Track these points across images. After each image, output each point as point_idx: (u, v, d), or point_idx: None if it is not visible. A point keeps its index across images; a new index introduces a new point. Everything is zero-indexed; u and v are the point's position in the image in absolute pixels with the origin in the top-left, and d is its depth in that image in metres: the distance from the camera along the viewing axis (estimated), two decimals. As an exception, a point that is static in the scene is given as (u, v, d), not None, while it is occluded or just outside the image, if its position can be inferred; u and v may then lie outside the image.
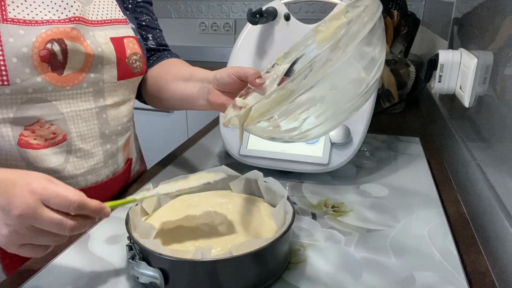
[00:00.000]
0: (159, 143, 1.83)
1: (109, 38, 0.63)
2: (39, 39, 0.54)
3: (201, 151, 0.90)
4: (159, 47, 0.83)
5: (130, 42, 0.67)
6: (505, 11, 0.60)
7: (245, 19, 0.77)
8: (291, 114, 0.43)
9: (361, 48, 0.42)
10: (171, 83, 0.73)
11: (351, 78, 0.44)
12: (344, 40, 0.40)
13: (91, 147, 0.64)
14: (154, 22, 0.82)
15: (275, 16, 0.78)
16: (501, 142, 0.56)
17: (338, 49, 0.40)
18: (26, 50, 0.53)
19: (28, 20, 0.55)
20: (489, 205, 0.58)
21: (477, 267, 0.52)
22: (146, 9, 0.79)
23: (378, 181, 0.74)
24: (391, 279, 0.48)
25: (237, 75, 0.60)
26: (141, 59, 0.69)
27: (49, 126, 0.59)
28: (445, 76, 0.81)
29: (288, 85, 0.40)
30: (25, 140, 0.57)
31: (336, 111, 0.45)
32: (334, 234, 0.58)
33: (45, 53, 0.55)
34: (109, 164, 0.68)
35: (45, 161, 0.59)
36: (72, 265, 0.52)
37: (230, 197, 0.59)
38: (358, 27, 0.41)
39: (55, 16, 0.57)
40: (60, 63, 0.57)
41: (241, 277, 0.45)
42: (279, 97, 0.41)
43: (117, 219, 0.63)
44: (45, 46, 0.55)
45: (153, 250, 0.44)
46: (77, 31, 0.58)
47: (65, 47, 0.56)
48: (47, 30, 0.55)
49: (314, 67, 0.40)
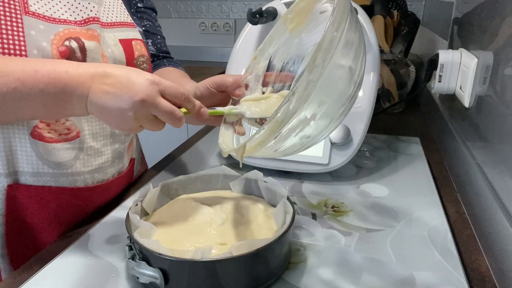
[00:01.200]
0: (159, 143, 1.83)
1: (118, 39, 0.64)
2: (57, 37, 0.55)
3: (201, 151, 0.90)
4: (159, 54, 0.83)
5: (138, 45, 0.68)
6: (505, 11, 0.60)
7: (245, 19, 0.77)
8: (286, 139, 0.43)
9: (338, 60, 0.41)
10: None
11: (337, 89, 0.44)
12: (320, 57, 0.39)
13: (101, 146, 0.64)
14: (156, 28, 0.82)
15: (275, 16, 0.79)
16: (501, 142, 0.56)
17: (316, 68, 0.39)
18: (46, 45, 0.54)
19: (47, 16, 0.55)
20: (489, 205, 0.58)
21: (477, 267, 0.52)
22: (147, 15, 0.80)
23: (378, 181, 0.74)
24: (391, 279, 0.48)
25: (215, 87, 0.60)
26: (147, 61, 0.70)
27: (64, 121, 0.59)
28: (445, 76, 0.81)
29: (276, 117, 0.40)
30: (39, 132, 0.57)
31: (331, 120, 0.46)
32: (334, 234, 0.58)
33: (64, 49, 0.55)
34: (115, 164, 0.68)
35: (56, 155, 0.59)
36: (72, 265, 0.52)
37: (230, 197, 0.59)
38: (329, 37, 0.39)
39: (71, 16, 0.58)
40: (78, 60, 0.57)
41: (241, 277, 0.45)
42: (269, 130, 0.41)
43: (117, 219, 0.63)
44: (63, 43, 0.55)
45: (153, 250, 0.44)
46: (93, 31, 0.59)
47: (82, 44, 0.57)
48: (64, 30, 0.56)
49: (297, 91, 0.39)
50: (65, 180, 0.61)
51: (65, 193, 0.61)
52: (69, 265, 0.52)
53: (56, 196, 0.60)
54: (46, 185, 0.59)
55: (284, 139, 0.43)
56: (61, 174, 0.60)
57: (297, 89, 0.39)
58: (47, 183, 0.59)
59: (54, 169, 0.59)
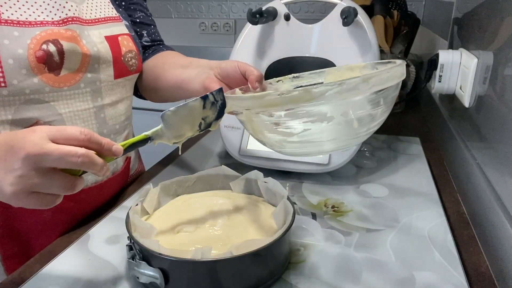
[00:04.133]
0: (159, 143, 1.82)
1: (103, 37, 0.63)
2: (33, 41, 0.54)
3: (201, 151, 0.90)
4: (153, 43, 0.83)
5: (125, 40, 0.67)
6: (505, 11, 0.60)
7: (245, 19, 0.77)
8: (296, 118, 0.44)
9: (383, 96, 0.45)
10: (168, 71, 0.73)
11: (363, 115, 0.47)
12: (374, 80, 0.43)
13: None
14: (149, 18, 0.82)
15: (275, 16, 0.78)
16: (501, 142, 0.56)
17: (366, 83, 0.42)
18: (22, 52, 0.53)
19: (22, 21, 0.54)
20: (489, 205, 0.58)
21: (477, 267, 0.52)
22: (140, 6, 0.79)
23: (378, 181, 0.74)
24: (391, 279, 0.48)
25: (242, 71, 0.60)
26: (136, 56, 0.69)
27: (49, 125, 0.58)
28: (445, 76, 0.81)
29: (313, 90, 0.41)
30: None
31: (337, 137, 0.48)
32: (334, 234, 0.58)
33: (41, 54, 0.54)
34: (109, 164, 0.68)
35: None
36: (72, 265, 0.52)
37: (230, 197, 0.59)
38: (390, 75, 0.44)
39: (48, 17, 0.57)
40: (57, 63, 0.57)
41: (241, 277, 0.45)
42: (295, 96, 0.42)
43: (117, 219, 0.63)
44: (41, 47, 0.54)
45: (153, 250, 0.44)
46: (73, 32, 0.58)
47: (60, 47, 0.56)
48: (41, 32, 0.55)
49: (341, 88, 0.41)
50: None
51: None
52: (69, 265, 0.52)
53: None
54: None
55: (295, 117, 0.44)
56: None
57: (344, 84, 0.41)
58: None
59: None
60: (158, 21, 0.85)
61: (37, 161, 0.39)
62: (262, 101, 0.45)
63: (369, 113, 0.46)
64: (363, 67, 0.60)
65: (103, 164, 0.42)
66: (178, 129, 0.48)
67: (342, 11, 0.73)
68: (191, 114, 0.48)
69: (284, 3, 0.79)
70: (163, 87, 0.73)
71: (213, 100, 0.49)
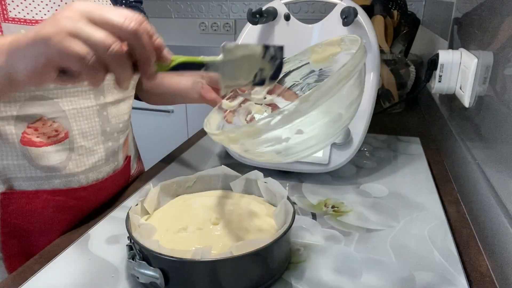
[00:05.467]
0: (159, 143, 1.82)
1: None
2: None
3: (201, 151, 0.90)
4: None
5: None
6: (505, 11, 0.60)
7: (245, 19, 0.77)
8: (259, 146, 0.46)
9: (330, 105, 0.44)
10: (166, 77, 0.75)
11: (320, 127, 0.47)
12: (315, 95, 0.42)
13: (92, 145, 0.64)
14: (148, 19, 0.82)
15: (275, 16, 0.79)
16: (501, 142, 0.56)
17: (307, 103, 0.41)
18: None
19: (29, 19, 0.55)
20: (489, 205, 0.58)
21: (477, 267, 0.52)
22: (137, 9, 0.79)
23: (378, 181, 0.74)
24: (391, 279, 0.48)
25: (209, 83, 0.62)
26: None
27: (51, 123, 0.59)
28: (445, 76, 0.81)
29: (257, 125, 0.42)
30: (28, 138, 0.57)
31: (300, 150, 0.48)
32: (334, 234, 0.58)
33: None
34: (110, 162, 0.68)
35: (48, 158, 0.59)
36: (72, 265, 0.52)
37: (230, 197, 0.59)
38: (331, 83, 0.42)
39: None
40: None
41: (241, 277, 0.45)
42: (246, 132, 0.43)
43: (117, 219, 0.63)
44: None
45: (153, 250, 0.44)
46: None
47: None
48: None
49: (283, 113, 0.41)
50: (59, 182, 0.61)
51: (60, 195, 0.61)
52: (69, 265, 0.52)
53: (51, 198, 0.60)
54: (41, 189, 0.59)
55: (258, 145, 0.46)
56: (54, 176, 0.60)
57: (284, 111, 0.41)
58: (41, 187, 0.59)
59: (47, 172, 0.59)
60: (158, 21, 0.85)
61: (88, 10, 0.36)
62: (219, 139, 0.47)
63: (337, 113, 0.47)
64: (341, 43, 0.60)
65: (126, 63, 0.38)
66: (235, 67, 0.45)
67: (342, 11, 0.73)
68: (252, 57, 0.45)
69: (284, 3, 0.79)
70: (162, 92, 0.77)
71: (273, 54, 0.46)
